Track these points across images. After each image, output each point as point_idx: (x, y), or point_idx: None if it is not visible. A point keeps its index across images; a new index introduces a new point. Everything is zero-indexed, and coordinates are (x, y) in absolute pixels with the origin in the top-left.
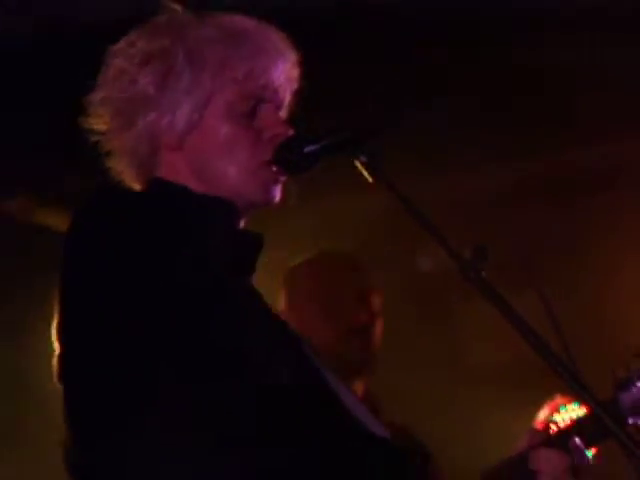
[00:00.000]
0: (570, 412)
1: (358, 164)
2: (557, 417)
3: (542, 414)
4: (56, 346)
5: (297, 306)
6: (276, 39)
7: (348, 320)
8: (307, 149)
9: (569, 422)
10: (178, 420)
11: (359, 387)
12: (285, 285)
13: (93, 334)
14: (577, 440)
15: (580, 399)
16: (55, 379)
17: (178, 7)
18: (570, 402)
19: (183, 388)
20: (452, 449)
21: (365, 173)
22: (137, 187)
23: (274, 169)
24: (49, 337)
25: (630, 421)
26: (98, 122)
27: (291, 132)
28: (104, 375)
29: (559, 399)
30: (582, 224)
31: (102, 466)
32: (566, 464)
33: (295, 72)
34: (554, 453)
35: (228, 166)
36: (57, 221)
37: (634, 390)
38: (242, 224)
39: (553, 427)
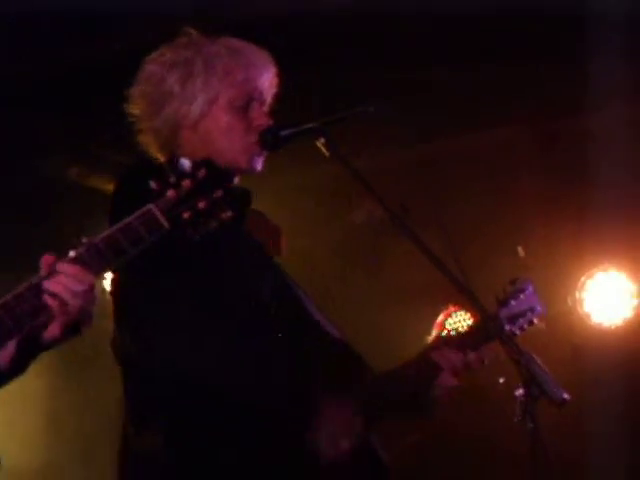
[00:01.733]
0: (459, 318)
1: (318, 144)
2: (449, 321)
3: (439, 318)
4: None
5: None
6: (263, 56)
7: None
8: (282, 133)
9: (464, 328)
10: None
11: None
12: None
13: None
14: (470, 341)
15: (474, 308)
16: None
17: (194, 31)
18: (459, 310)
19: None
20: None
21: (324, 150)
22: (160, 157)
23: (259, 147)
24: None
25: (507, 328)
26: (135, 109)
27: (271, 122)
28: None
29: (451, 307)
30: None
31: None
32: (462, 361)
33: (275, 80)
34: (453, 352)
35: (227, 144)
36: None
37: (510, 306)
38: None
39: (449, 330)
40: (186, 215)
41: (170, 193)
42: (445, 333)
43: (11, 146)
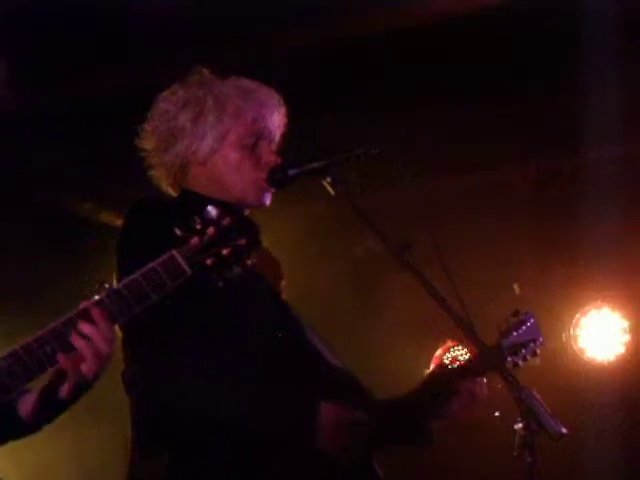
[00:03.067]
0: (457, 352)
1: (325, 183)
2: (447, 355)
3: (437, 352)
4: None
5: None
6: (273, 97)
7: None
8: (290, 172)
9: (465, 361)
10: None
11: None
12: None
13: None
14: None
15: (473, 344)
16: None
17: (205, 70)
18: (457, 345)
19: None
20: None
21: (329, 189)
22: (170, 191)
23: (267, 184)
24: None
25: (509, 359)
26: (146, 144)
27: (280, 160)
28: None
29: (450, 342)
30: None
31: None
32: (468, 391)
33: (284, 120)
34: (459, 384)
35: (236, 180)
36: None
37: (511, 337)
38: None
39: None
40: (209, 262)
41: (194, 240)
42: (445, 364)
43: (25, 179)
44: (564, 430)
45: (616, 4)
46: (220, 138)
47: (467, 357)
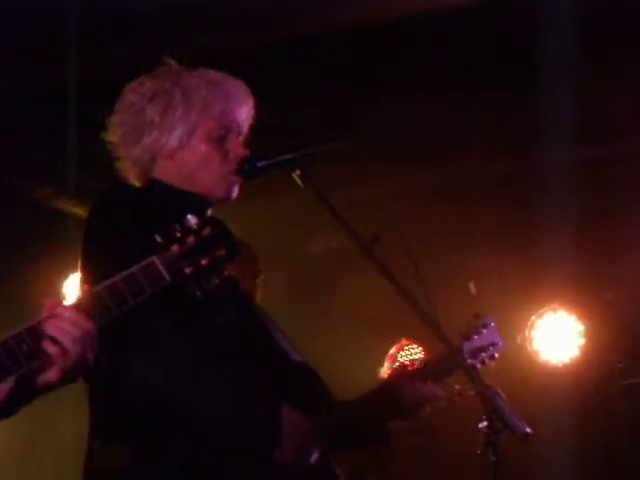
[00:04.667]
0: (411, 351)
1: (294, 175)
2: (401, 354)
3: (391, 351)
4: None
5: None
6: (241, 88)
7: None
8: (259, 164)
9: (423, 361)
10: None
11: None
12: None
13: None
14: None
15: (441, 341)
16: None
17: (173, 62)
18: (411, 343)
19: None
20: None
21: (298, 181)
22: (137, 183)
23: (235, 177)
24: None
25: (469, 362)
26: (113, 137)
27: (248, 153)
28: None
29: (404, 341)
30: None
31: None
32: (426, 394)
33: (252, 112)
34: (416, 385)
35: (204, 174)
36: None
37: (472, 341)
38: (209, 213)
39: (403, 362)
40: (188, 270)
41: (175, 248)
42: (401, 364)
43: None
44: (528, 430)
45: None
46: (189, 132)
47: (421, 356)
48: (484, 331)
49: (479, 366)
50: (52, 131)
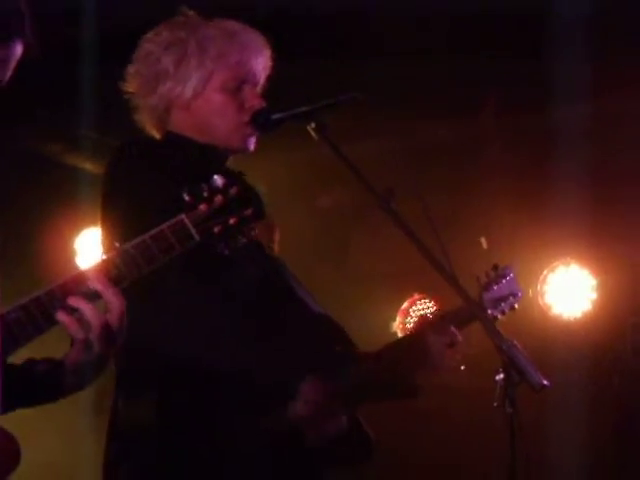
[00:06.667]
0: (424, 305)
1: (309, 128)
2: (414, 308)
3: (403, 305)
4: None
5: None
6: (258, 39)
7: None
8: (274, 116)
9: (442, 312)
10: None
11: None
12: None
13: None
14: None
15: (458, 294)
16: None
17: (191, 12)
18: (424, 298)
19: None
20: None
21: (313, 134)
22: (155, 134)
23: (251, 128)
24: None
25: (490, 312)
26: (130, 86)
27: (263, 104)
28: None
29: (416, 295)
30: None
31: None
32: (447, 343)
33: (269, 63)
34: (438, 335)
35: (220, 123)
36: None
37: (492, 291)
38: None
39: (421, 315)
40: (216, 229)
41: (202, 207)
42: (421, 316)
43: None
44: (545, 382)
45: None
46: (203, 81)
47: (434, 310)
48: (503, 281)
49: (499, 317)
50: (64, 86)
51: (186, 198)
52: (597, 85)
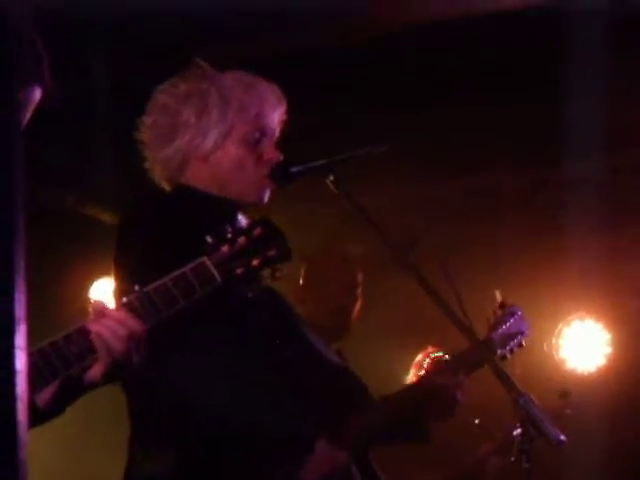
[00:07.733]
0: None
1: (327, 182)
2: (427, 361)
3: (417, 358)
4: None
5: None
6: (275, 91)
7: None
8: (292, 170)
9: (452, 356)
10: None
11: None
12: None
13: None
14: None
15: (470, 340)
16: None
17: (205, 63)
18: (438, 351)
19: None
20: None
21: (332, 188)
22: (165, 186)
23: (268, 181)
24: None
25: (499, 352)
26: (145, 138)
27: (281, 157)
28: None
29: (430, 348)
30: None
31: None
32: (457, 386)
33: (285, 116)
34: (448, 379)
35: (238, 176)
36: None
37: (500, 330)
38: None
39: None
40: (239, 271)
41: (225, 248)
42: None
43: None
44: (563, 437)
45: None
46: (224, 134)
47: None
48: (511, 320)
49: (508, 356)
50: (81, 138)
51: (209, 240)
52: (613, 140)
